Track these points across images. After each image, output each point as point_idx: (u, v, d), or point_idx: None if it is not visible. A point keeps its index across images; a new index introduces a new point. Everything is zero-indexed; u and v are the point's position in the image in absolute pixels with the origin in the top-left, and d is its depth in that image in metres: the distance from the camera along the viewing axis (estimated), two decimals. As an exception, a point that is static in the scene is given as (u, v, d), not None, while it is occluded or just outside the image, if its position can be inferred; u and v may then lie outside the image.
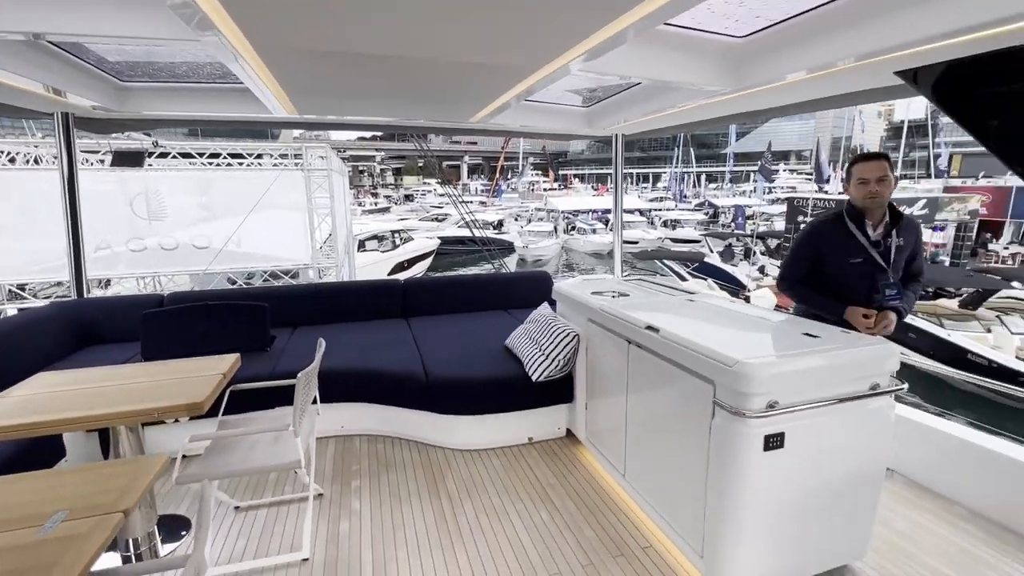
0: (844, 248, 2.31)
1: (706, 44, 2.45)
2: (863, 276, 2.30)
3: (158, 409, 1.88)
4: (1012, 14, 1.56)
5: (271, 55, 2.07)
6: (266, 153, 7.67)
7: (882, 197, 2.23)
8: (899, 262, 2.31)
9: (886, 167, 2.24)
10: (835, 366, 1.79)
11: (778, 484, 1.76)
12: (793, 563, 1.90)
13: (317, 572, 2.05)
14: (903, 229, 2.30)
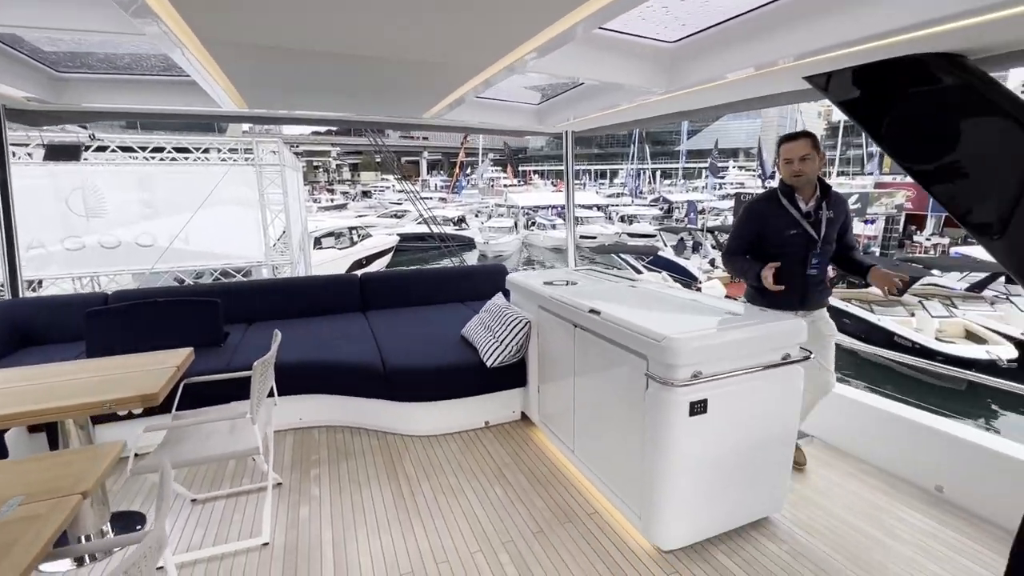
0: (780, 222, 2.44)
1: (642, 48, 2.63)
2: (799, 246, 2.43)
3: (110, 401, 1.89)
4: (900, 26, 1.79)
5: (217, 48, 2.09)
6: (214, 147, 7.43)
7: (806, 175, 2.37)
8: (831, 233, 2.44)
9: (809, 145, 2.36)
10: (751, 339, 2.01)
11: (703, 446, 1.97)
12: (719, 517, 2.12)
13: (277, 555, 2.11)
14: (832, 203, 2.44)
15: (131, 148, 7.00)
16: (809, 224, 2.42)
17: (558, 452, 2.86)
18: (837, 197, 2.47)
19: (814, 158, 2.36)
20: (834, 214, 2.43)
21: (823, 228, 2.42)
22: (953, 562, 2.00)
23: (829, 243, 2.46)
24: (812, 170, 2.37)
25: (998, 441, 2.33)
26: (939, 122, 1.98)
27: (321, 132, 60.54)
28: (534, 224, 28.06)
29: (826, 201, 2.43)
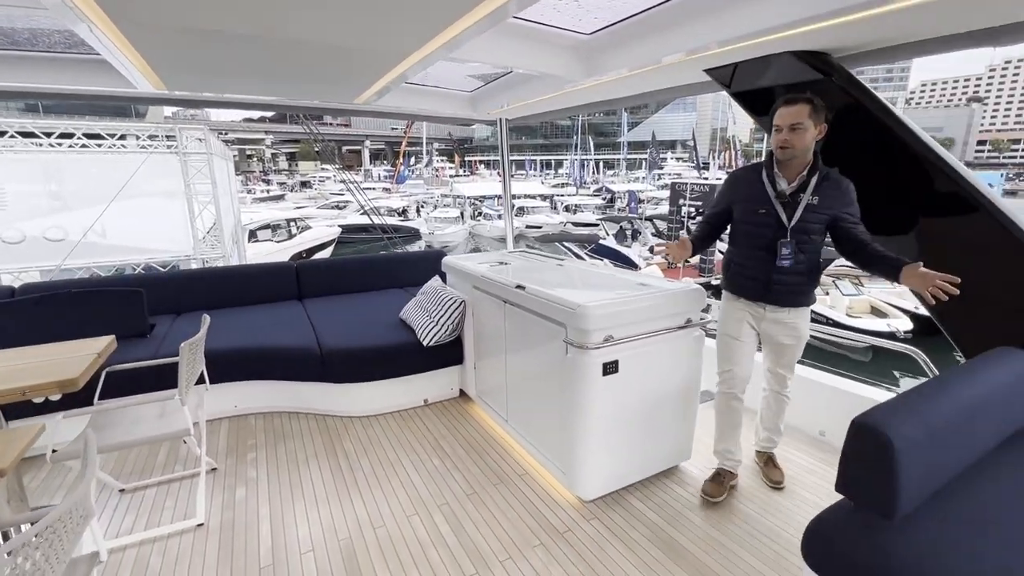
0: (752, 197, 2.13)
1: (561, 39, 2.79)
2: (766, 229, 2.09)
3: (25, 388, 1.84)
4: (776, 24, 2.01)
5: (127, 26, 2.04)
6: (131, 134, 6.95)
7: (794, 148, 1.98)
8: (811, 223, 2.02)
9: (804, 113, 1.95)
10: (655, 306, 2.24)
11: (616, 403, 2.18)
12: (633, 467, 2.35)
13: (213, 534, 2.13)
14: (821, 187, 2.01)
15: (33, 134, 6.42)
16: (782, 206, 2.05)
17: (493, 422, 3.02)
18: (833, 183, 2.03)
19: (808, 129, 1.96)
20: (820, 201, 2.00)
21: (797, 214, 2.02)
22: (828, 493, 2.33)
23: (808, 234, 2.03)
24: (803, 144, 1.97)
25: (870, 390, 2.71)
26: None
27: (254, 119, 57.32)
28: (480, 214, 28.09)
29: (814, 184, 2.02)
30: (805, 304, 2.19)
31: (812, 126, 1.97)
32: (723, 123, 56.00)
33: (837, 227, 2.04)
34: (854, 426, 1.37)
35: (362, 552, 2.00)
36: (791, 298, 2.15)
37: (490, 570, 1.91)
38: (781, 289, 2.14)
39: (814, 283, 2.18)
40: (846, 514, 1.42)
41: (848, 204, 2.03)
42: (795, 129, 1.97)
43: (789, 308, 2.17)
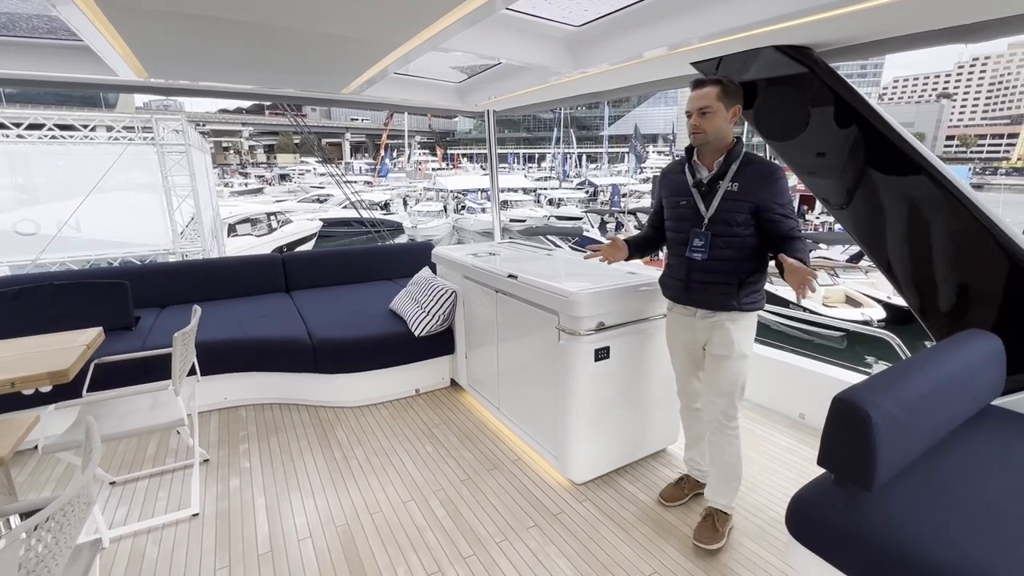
0: (675, 190, 2.01)
1: (550, 30, 2.82)
2: (686, 221, 1.95)
3: (15, 379, 1.81)
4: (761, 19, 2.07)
5: (112, 11, 2.01)
6: (103, 125, 6.75)
7: (705, 133, 1.84)
8: (731, 212, 1.85)
9: (712, 96, 1.82)
10: (645, 293, 2.30)
11: (607, 388, 2.25)
12: (623, 450, 2.42)
13: (209, 523, 2.14)
14: (743, 173, 1.84)
15: (3, 125, 6.20)
16: (700, 196, 1.91)
17: (485, 411, 3.06)
18: (756, 169, 1.85)
19: (718, 112, 1.83)
20: (741, 188, 1.83)
21: (715, 203, 1.87)
22: (806, 470, 2.44)
23: (730, 224, 1.85)
24: (713, 128, 1.83)
25: (846, 373, 2.83)
26: (793, 107, 2.33)
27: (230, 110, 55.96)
28: (464, 208, 27.97)
29: (734, 171, 1.86)
30: (735, 308, 1.88)
31: (723, 108, 1.83)
32: (704, 117, 56.80)
33: (760, 218, 1.84)
34: (835, 402, 1.45)
35: (360, 537, 2.03)
36: (715, 300, 1.90)
37: (487, 551, 1.96)
38: (699, 288, 1.92)
39: (751, 284, 1.88)
40: (827, 486, 1.50)
41: (775, 193, 1.82)
42: (704, 113, 1.84)
43: (718, 312, 1.91)
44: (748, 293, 1.89)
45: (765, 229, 1.85)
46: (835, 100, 2.19)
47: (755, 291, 1.92)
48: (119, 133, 6.70)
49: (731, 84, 1.86)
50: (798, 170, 2.54)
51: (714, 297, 1.91)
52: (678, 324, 2.09)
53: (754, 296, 1.92)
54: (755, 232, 1.87)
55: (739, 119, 1.95)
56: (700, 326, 1.99)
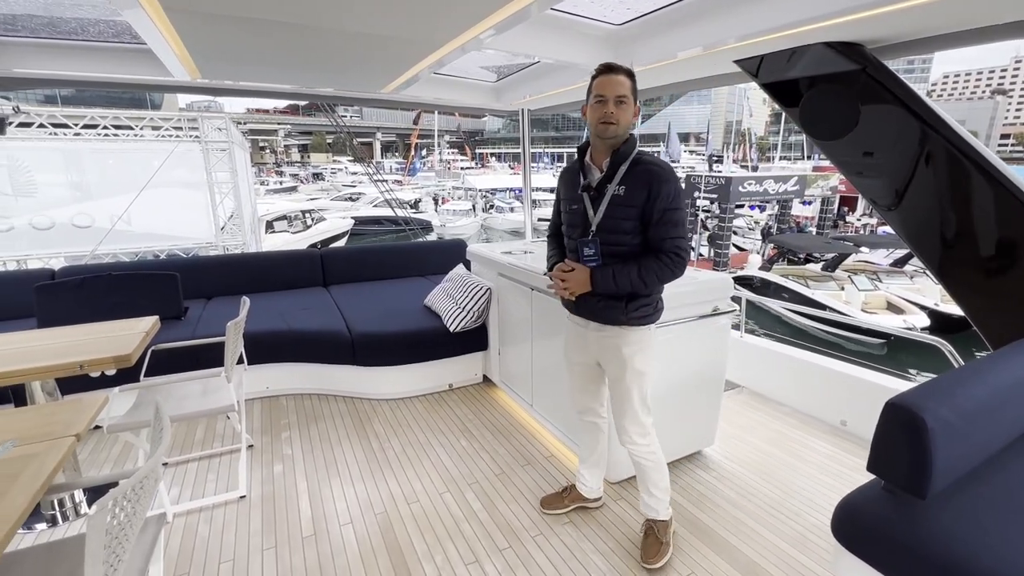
0: (568, 192, 1.84)
1: (590, 29, 2.82)
2: (573, 228, 1.81)
3: (83, 363, 1.93)
4: (810, 16, 2.03)
5: (179, 17, 2.12)
6: (153, 125, 7.07)
7: (618, 125, 1.65)
8: (620, 219, 1.68)
9: (627, 86, 1.65)
10: (686, 293, 2.28)
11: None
12: (664, 451, 2.40)
13: (256, 505, 2.23)
14: (631, 175, 1.67)
15: (62, 124, 6.57)
16: (590, 200, 1.75)
17: (518, 407, 3.09)
18: (644, 170, 1.67)
19: (630, 106, 1.67)
20: (627, 192, 1.66)
21: (601, 208, 1.70)
22: (849, 478, 2.37)
23: (617, 232, 1.69)
24: (626, 120, 1.66)
25: (891, 380, 2.74)
26: (843, 105, 2.27)
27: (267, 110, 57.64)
28: (492, 207, 28.09)
29: (623, 172, 1.69)
30: (623, 322, 1.75)
31: (632, 102, 1.68)
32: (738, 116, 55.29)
33: (644, 224, 1.68)
34: (888, 407, 1.41)
35: (399, 525, 2.09)
36: (602, 313, 1.77)
37: (523, 545, 1.98)
38: (586, 299, 1.78)
39: (642, 297, 1.73)
40: (877, 493, 1.46)
41: (653, 197, 1.63)
42: (622, 102, 1.65)
43: (608, 326, 1.79)
44: (638, 307, 1.74)
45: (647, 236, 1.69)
46: (888, 98, 2.12)
47: (646, 304, 1.76)
48: (167, 132, 7.01)
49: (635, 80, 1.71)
50: (845, 170, 2.47)
51: (601, 310, 1.78)
52: (572, 335, 1.98)
53: (645, 310, 1.76)
54: (646, 241, 1.70)
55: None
56: (592, 339, 1.87)
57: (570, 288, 1.76)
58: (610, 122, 1.65)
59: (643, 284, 1.68)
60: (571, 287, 1.76)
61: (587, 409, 2.07)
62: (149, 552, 1.34)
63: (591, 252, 1.73)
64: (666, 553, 1.91)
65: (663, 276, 1.68)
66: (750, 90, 55.19)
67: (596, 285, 1.71)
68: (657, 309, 1.82)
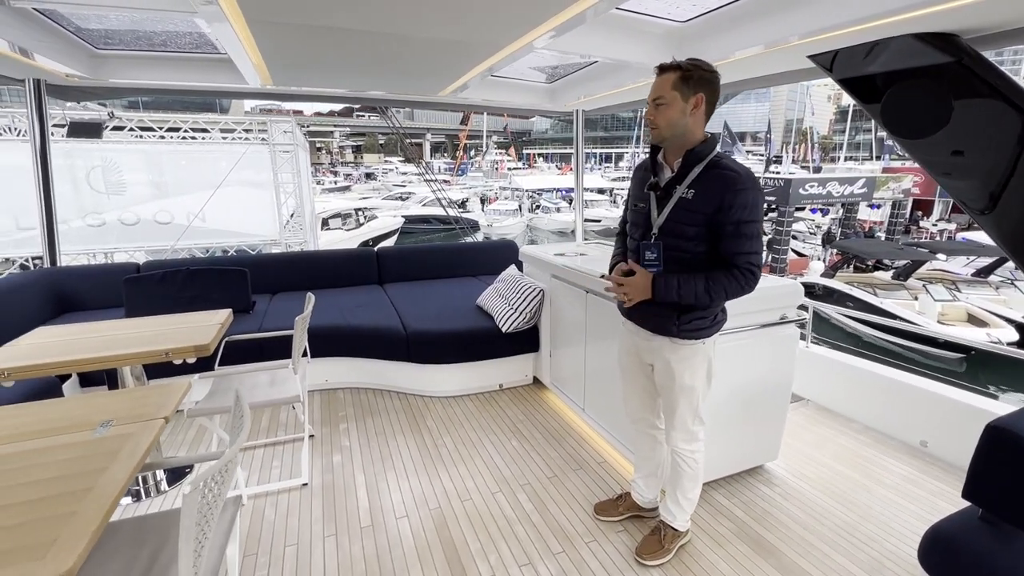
0: (638, 188, 1.78)
1: (653, 27, 2.75)
2: (637, 227, 1.75)
3: (168, 350, 2.08)
4: (898, 6, 1.90)
5: (259, 26, 2.24)
6: (227, 127, 7.55)
7: (659, 129, 1.60)
8: (684, 224, 1.60)
9: (668, 85, 1.55)
10: (752, 299, 2.16)
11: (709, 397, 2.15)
12: (719, 463, 2.31)
13: (316, 494, 2.32)
14: (704, 178, 1.58)
15: (147, 127, 7.13)
16: (656, 200, 1.68)
17: (569, 410, 3.06)
18: (718, 175, 1.56)
19: (673, 104, 1.56)
20: (697, 196, 1.58)
21: (667, 210, 1.63)
22: (931, 504, 2.19)
23: (679, 237, 1.61)
24: (666, 122, 1.58)
25: (980, 399, 2.51)
26: (933, 100, 2.11)
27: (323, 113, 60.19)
28: (539, 207, 28.07)
29: (696, 174, 1.60)
30: (673, 334, 1.67)
31: (678, 99, 1.55)
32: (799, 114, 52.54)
33: (713, 233, 1.58)
34: (991, 431, 1.29)
35: (452, 521, 2.12)
36: (652, 321, 1.71)
37: (576, 550, 1.96)
38: (640, 309, 1.71)
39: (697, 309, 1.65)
40: (974, 523, 1.34)
41: (727, 207, 1.53)
42: (659, 104, 1.57)
43: (658, 336, 1.72)
44: (692, 319, 1.66)
45: (717, 245, 1.59)
46: (986, 92, 1.94)
47: (701, 318, 1.67)
48: (238, 135, 7.46)
49: (696, 72, 1.55)
50: (931, 170, 2.29)
51: (652, 318, 1.72)
52: (626, 341, 1.92)
53: (699, 323, 1.67)
54: (710, 249, 1.61)
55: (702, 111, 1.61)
56: (643, 348, 1.81)
57: (629, 294, 1.69)
58: (650, 126, 1.62)
59: (708, 298, 1.60)
60: (630, 293, 1.68)
61: (641, 419, 2.01)
62: (228, 531, 1.42)
63: (652, 256, 1.66)
64: (662, 559, 1.89)
65: (732, 292, 1.60)
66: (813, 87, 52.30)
67: (657, 293, 1.63)
68: (715, 323, 1.72)
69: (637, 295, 1.67)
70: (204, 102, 36.45)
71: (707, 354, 1.75)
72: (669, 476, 1.94)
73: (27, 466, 1.26)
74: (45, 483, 1.18)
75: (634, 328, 1.83)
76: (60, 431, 1.44)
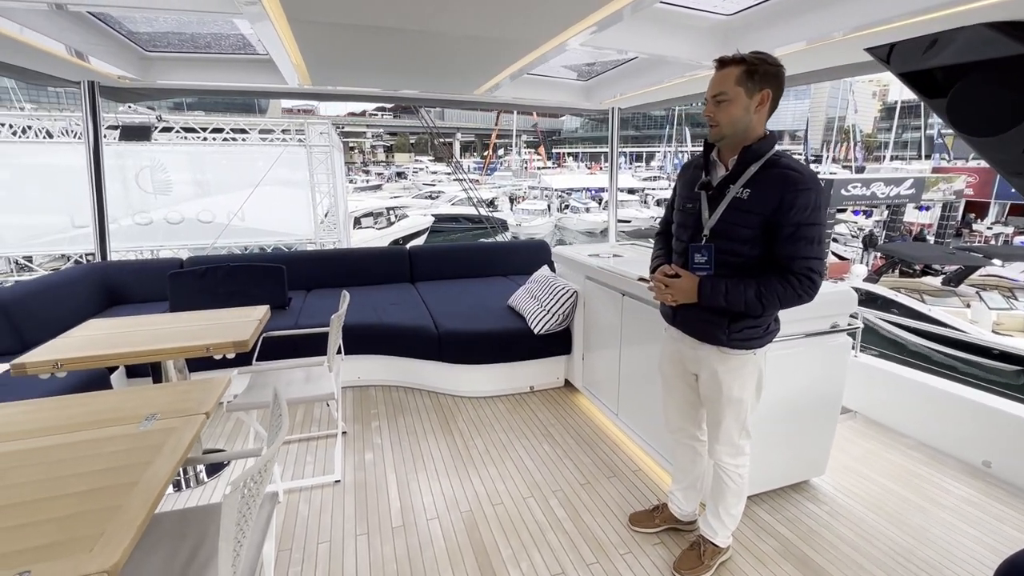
0: (686, 188, 1.69)
1: (697, 20, 2.66)
2: (683, 228, 1.66)
3: (209, 345, 2.12)
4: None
5: (301, 27, 2.26)
6: (266, 128, 7.76)
7: (720, 126, 1.50)
8: (738, 225, 1.51)
9: (731, 80, 1.46)
10: (803, 306, 2.07)
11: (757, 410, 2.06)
12: (762, 476, 2.21)
13: (349, 491, 2.33)
14: (761, 178, 1.49)
15: (191, 129, 7.40)
16: (708, 200, 1.59)
17: (601, 415, 2.99)
18: (778, 175, 1.47)
19: (736, 100, 1.47)
20: (752, 196, 1.48)
21: (720, 211, 1.54)
22: (994, 528, 2.04)
23: (731, 239, 1.53)
24: (729, 119, 1.48)
25: None
26: (1007, 95, 1.95)
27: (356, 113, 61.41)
28: (567, 207, 27.88)
29: (752, 173, 1.51)
30: (723, 343, 1.59)
31: (742, 95, 1.45)
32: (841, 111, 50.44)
33: (769, 236, 1.49)
34: None
35: (483, 526, 2.09)
36: (699, 328, 1.63)
37: (611, 561, 1.90)
38: (687, 315, 1.65)
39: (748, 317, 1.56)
40: None
41: (786, 208, 1.43)
42: (721, 100, 1.48)
43: (705, 344, 1.64)
44: (744, 327, 1.57)
45: (773, 249, 1.49)
46: None
47: (753, 326, 1.58)
48: (276, 136, 7.66)
49: (762, 64, 1.46)
50: (1002, 169, 2.13)
51: (700, 325, 1.64)
52: (668, 348, 1.85)
53: (751, 332, 1.58)
54: (764, 253, 1.52)
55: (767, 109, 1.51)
56: (688, 356, 1.73)
57: (674, 296, 1.62)
58: (710, 124, 1.53)
59: (760, 306, 1.50)
60: (675, 295, 1.61)
61: (680, 429, 1.93)
62: (265, 528, 1.43)
63: (703, 260, 1.58)
64: (702, 574, 1.81)
65: (787, 300, 1.49)
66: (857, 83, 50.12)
67: (703, 297, 1.55)
68: (768, 332, 1.63)
69: (682, 297, 1.61)
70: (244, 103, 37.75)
71: (758, 365, 1.65)
72: (711, 490, 1.85)
73: (77, 457, 1.29)
74: (93, 475, 1.20)
75: (678, 335, 1.75)
76: (108, 423, 1.47)
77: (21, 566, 0.91)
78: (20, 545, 0.97)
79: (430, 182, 36.60)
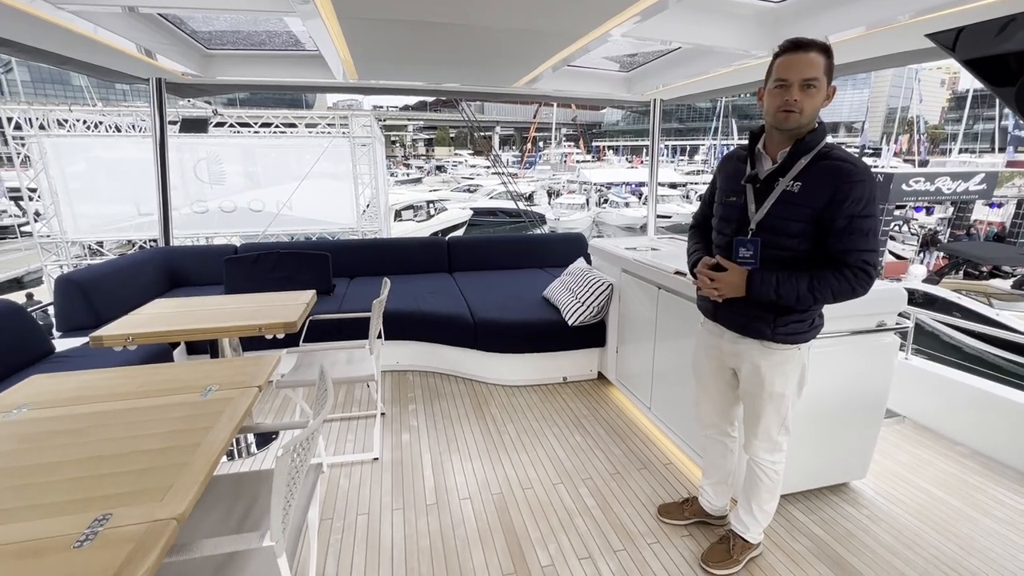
0: (728, 181, 1.65)
1: (745, 8, 2.59)
2: (727, 222, 1.61)
3: (261, 325, 2.27)
4: None
5: (349, 23, 2.36)
6: (312, 122, 8.05)
7: (802, 114, 1.42)
8: (787, 219, 1.47)
9: (819, 67, 1.39)
10: (848, 303, 2.01)
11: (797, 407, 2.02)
12: (798, 476, 2.17)
13: (386, 468, 2.45)
14: (812, 170, 1.45)
15: (246, 123, 7.77)
16: (754, 193, 1.54)
17: (634, 408, 2.99)
18: (830, 167, 1.42)
19: (822, 90, 1.41)
20: (804, 189, 1.44)
21: (766, 205, 1.50)
22: (1053, 543, 1.93)
23: (778, 234, 1.49)
24: (812, 109, 1.42)
25: None
26: None
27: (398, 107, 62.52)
28: (606, 201, 27.52)
29: (802, 166, 1.46)
30: (767, 337, 1.55)
31: (824, 85, 1.41)
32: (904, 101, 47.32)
33: (820, 229, 1.44)
34: None
35: (514, 508, 2.15)
36: (744, 322, 1.60)
37: (638, 550, 1.92)
38: (731, 309, 1.61)
39: (795, 311, 1.52)
40: None
41: (840, 200, 1.39)
42: (810, 86, 1.39)
43: (747, 339, 1.61)
44: (789, 322, 1.54)
45: (824, 242, 1.45)
46: None
47: (799, 320, 1.55)
48: (322, 129, 7.94)
49: (832, 55, 1.42)
50: None
51: (744, 319, 1.60)
52: (704, 343, 1.81)
53: (797, 327, 1.55)
54: (813, 248, 1.48)
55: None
56: (728, 351, 1.69)
57: (720, 290, 1.58)
58: (791, 110, 1.41)
59: (812, 299, 1.46)
60: (722, 289, 1.57)
61: (712, 425, 1.92)
62: (310, 494, 1.53)
63: (748, 254, 1.53)
64: (730, 569, 1.80)
65: (841, 294, 1.45)
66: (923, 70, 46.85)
67: (753, 290, 1.50)
68: (812, 327, 1.60)
69: (729, 292, 1.56)
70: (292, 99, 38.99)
71: (801, 360, 1.62)
72: (744, 485, 1.84)
73: (148, 420, 1.42)
74: (163, 436, 1.33)
75: (717, 329, 1.73)
76: (174, 392, 1.61)
77: (106, 509, 1.03)
78: (103, 491, 1.10)
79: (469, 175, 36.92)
